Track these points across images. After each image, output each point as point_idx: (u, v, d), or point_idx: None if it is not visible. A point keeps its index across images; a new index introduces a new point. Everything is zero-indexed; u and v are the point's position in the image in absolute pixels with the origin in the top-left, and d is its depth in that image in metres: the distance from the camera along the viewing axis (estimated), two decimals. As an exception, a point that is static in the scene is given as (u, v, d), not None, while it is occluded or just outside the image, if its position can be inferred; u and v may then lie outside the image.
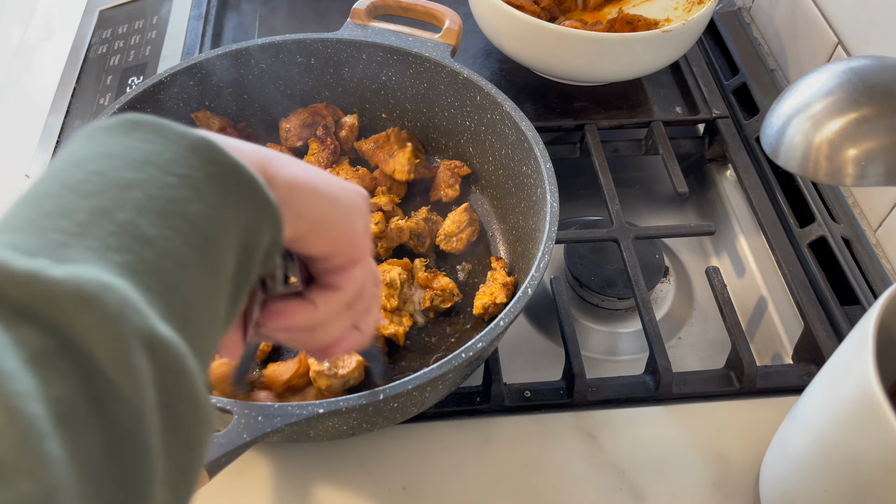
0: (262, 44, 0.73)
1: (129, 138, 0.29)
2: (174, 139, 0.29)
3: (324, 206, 0.36)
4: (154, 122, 0.30)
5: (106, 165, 0.28)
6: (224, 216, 0.30)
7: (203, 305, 0.28)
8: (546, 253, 0.57)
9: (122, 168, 0.28)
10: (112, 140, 0.29)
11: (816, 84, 0.49)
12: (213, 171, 0.30)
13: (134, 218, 0.26)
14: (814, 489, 0.47)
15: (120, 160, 0.28)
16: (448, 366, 0.50)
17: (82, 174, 0.27)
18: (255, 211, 0.31)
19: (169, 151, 0.29)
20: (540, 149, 0.64)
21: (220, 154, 0.30)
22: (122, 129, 0.30)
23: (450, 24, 0.74)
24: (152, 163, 0.28)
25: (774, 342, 0.77)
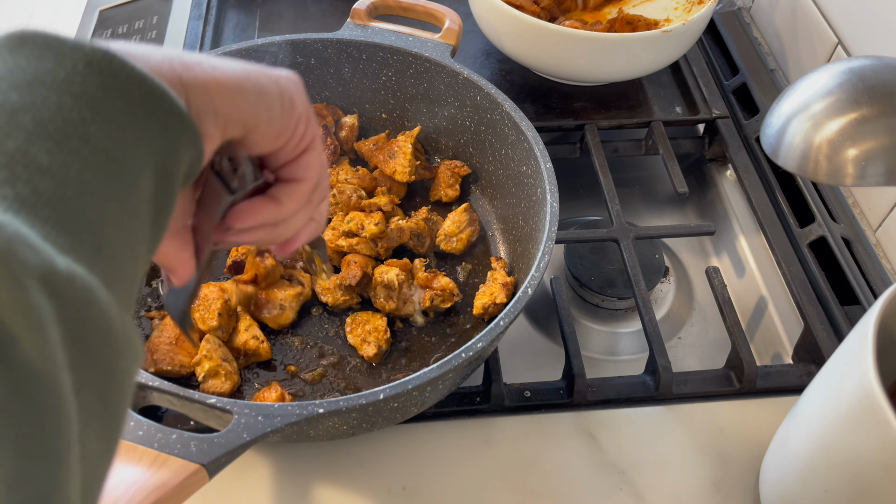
0: (262, 44, 0.73)
1: (18, 56, 0.26)
2: (68, 54, 0.27)
3: (253, 103, 0.34)
4: (45, 36, 0.27)
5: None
6: (130, 134, 0.27)
7: (116, 231, 0.27)
8: (546, 253, 0.57)
9: (8, 91, 0.25)
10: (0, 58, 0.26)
11: (816, 84, 0.49)
12: (113, 86, 0.27)
13: (24, 145, 0.24)
14: (814, 489, 0.47)
15: (6, 82, 0.26)
16: (448, 366, 0.50)
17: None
18: (168, 125, 0.29)
19: (63, 68, 0.26)
20: (540, 149, 0.64)
21: (120, 66, 0.27)
22: (10, 46, 0.27)
23: (450, 24, 0.74)
24: (43, 82, 0.26)
25: (774, 342, 0.77)
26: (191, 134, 0.30)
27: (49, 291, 0.22)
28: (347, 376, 0.65)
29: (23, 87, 0.26)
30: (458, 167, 0.76)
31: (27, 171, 0.24)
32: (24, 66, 0.26)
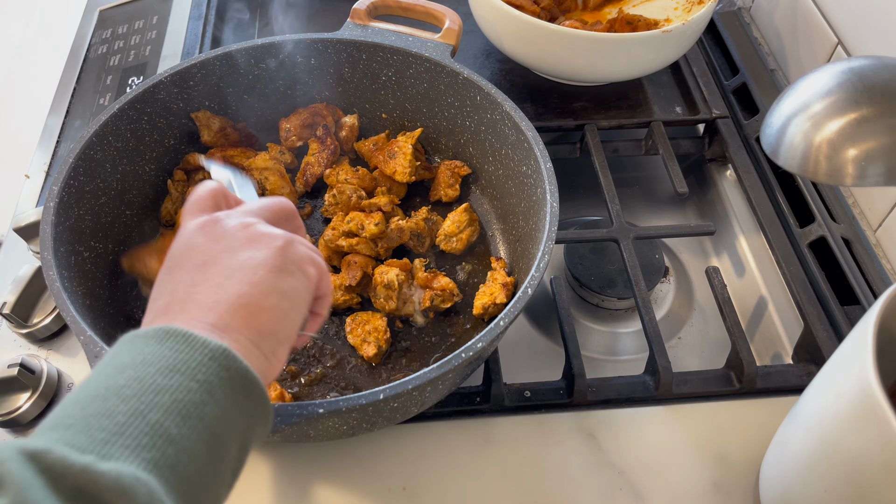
0: (263, 44, 0.73)
1: (163, 347, 0.37)
2: (198, 348, 0.37)
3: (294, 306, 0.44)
4: (184, 334, 0.37)
5: (142, 372, 0.36)
6: (230, 417, 0.37)
7: (208, 493, 0.36)
8: (546, 253, 0.57)
9: (155, 375, 0.36)
10: (149, 348, 0.37)
11: (816, 84, 0.49)
12: (226, 377, 0.37)
13: (162, 419, 0.34)
14: (814, 489, 0.47)
15: (154, 367, 0.36)
16: (448, 366, 0.50)
17: (123, 379, 0.35)
18: (255, 410, 0.39)
19: (193, 360, 0.37)
20: (540, 149, 0.64)
21: (232, 360, 0.38)
22: (158, 338, 0.37)
23: (450, 24, 0.74)
24: (179, 370, 0.36)
25: (774, 342, 0.77)
26: (267, 416, 0.41)
27: None
28: (347, 376, 0.65)
29: (165, 372, 0.36)
30: (458, 167, 0.76)
31: (161, 440, 0.34)
32: (166, 355, 0.36)
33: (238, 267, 0.42)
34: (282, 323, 0.43)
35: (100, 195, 0.66)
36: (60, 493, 0.30)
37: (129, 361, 0.36)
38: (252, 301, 0.41)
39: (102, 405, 0.34)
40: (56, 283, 0.55)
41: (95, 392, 0.35)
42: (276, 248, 0.44)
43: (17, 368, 0.62)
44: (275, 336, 0.42)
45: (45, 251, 0.57)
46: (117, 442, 0.33)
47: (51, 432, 0.33)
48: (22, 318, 0.68)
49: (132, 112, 0.69)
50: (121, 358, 0.37)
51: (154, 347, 0.37)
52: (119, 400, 0.34)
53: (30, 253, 0.74)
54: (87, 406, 0.34)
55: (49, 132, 0.87)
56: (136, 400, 0.34)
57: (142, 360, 0.36)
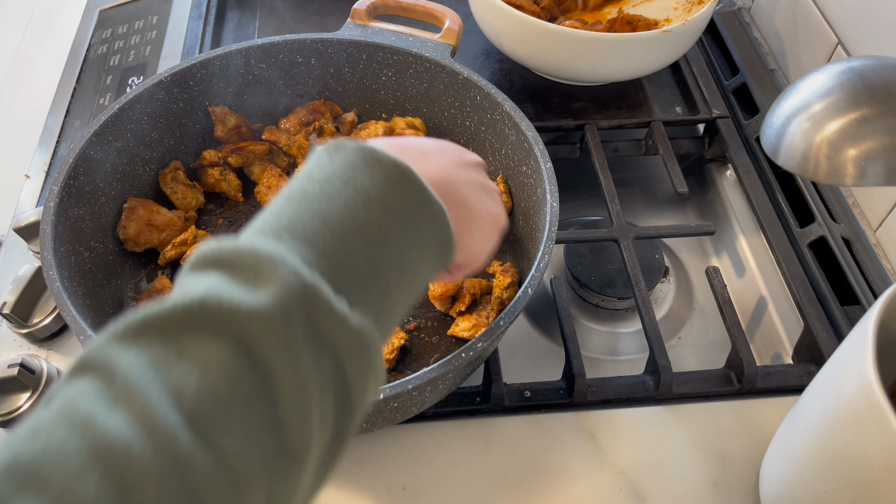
0: (263, 44, 0.73)
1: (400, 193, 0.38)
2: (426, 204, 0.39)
3: (483, 244, 0.46)
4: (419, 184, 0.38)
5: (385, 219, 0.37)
6: (429, 267, 0.40)
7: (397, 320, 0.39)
8: (546, 253, 0.57)
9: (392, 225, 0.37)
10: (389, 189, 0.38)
11: (816, 84, 0.49)
12: (439, 239, 0.40)
13: (388, 275, 0.37)
14: (814, 489, 0.47)
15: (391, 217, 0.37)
16: (448, 366, 0.50)
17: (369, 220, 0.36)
18: (445, 257, 0.41)
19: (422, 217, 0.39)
20: (540, 149, 0.64)
21: (446, 224, 0.40)
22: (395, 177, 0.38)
23: (450, 24, 0.74)
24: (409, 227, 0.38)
25: (774, 342, 0.77)
26: (448, 264, 0.42)
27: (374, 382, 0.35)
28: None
29: (400, 226, 0.37)
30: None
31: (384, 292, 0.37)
32: (402, 206, 0.38)
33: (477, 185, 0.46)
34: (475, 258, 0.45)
35: (100, 195, 0.66)
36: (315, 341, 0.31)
37: (373, 195, 0.37)
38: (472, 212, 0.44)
39: (350, 243, 0.35)
40: (56, 283, 0.55)
41: (344, 220, 0.36)
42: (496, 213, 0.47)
43: (17, 368, 0.62)
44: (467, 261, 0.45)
45: (45, 251, 0.57)
46: (359, 287, 0.35)
47: (308, 248, 0.34)
48: (22, 318, 0.68)
49: (132, 112, 0.69)
50: (364, 182, 0.37)
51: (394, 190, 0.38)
52: (364, 244, 0.36)
53: (30, 253, 0.74)
54: (338, 237, 0.35)
55: (49, 132, 0.87)
56: (376, 250, 0.36)
57: (383, 200, 0.37)
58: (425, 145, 0.45)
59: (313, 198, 0.36)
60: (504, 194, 0.71)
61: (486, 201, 0.46)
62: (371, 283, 0.36)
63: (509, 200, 0.72)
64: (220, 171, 0.75)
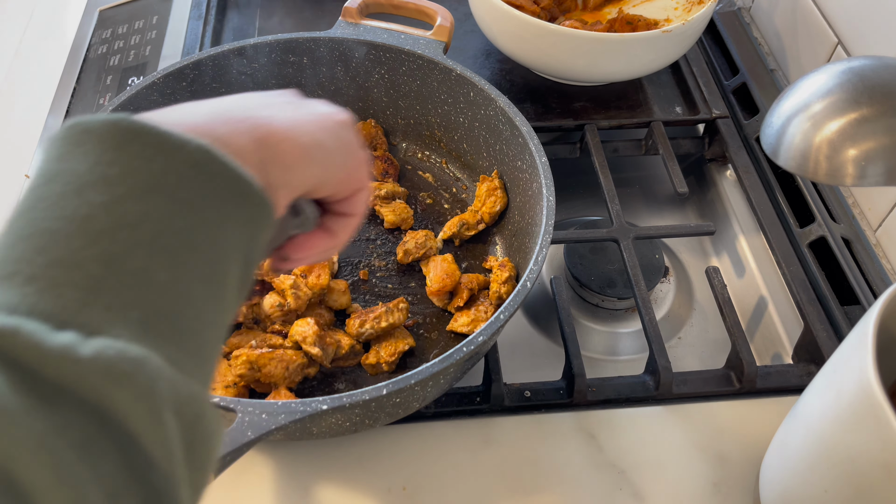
0: (255, 43, 0.73)
1: (127, 154, 0.28)
2: (173, 153, 0.28)
3: (322, 169, 0.37)
4: (153, 134, 0.28)
5: (109, 196, 0.27)
6: (227, 233, 0.30)
7: (211, 329, 0.29)
8: (544, 247, 0.57)
9: (126, 199, 0.27)
10: (111, 155, 0.28)
11: (816, 84, 0.49)
12: (213, 187, 0.29)
13: (145, 264, 0.27)
14: (814, 489, 0.47)
15: (124, 188, 0.27)
16: (449, 360, 0.50)
17: (86, 207, 0.26)
18: (254, 216, 0.31)
19: (172, 172, 0.28)
20: (535, 143, 0.64)
21: (220, 166, 0.30)
22: (119, 139, 0.28)
23: (441, 21, 0.74)
24: (156, 190, 0.28)
25: (774, 342, 0.77)
26: (270, 219, 0.32)
27: (178, 417, 0.25)
28: (349, 372, 0.65)
29: (139, 196, 0.27)
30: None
31: (149, 291, 0.26)
32: (136, 168, 0.28)
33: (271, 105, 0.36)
34: (304, 160, 0.35)
35: (100, 195, 0.66)
36: (34, 397, 0.22)
37: (86, 174, 0.27)
38: (272, 127, 0.34)
39: (66, 247, 0.25)
40: (56, 283, 0.55)
41: (52, 224, 0.26)
42: (324, 112, 0.38)
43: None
44: (288, 170, 0.34)
45: (45, 251, 0.57)
46: (96, 302, 0.25)
47: (6, 288, 0.25)
48: (22, 318, 0.68)
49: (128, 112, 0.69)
50: (74, 166, 0.27)
51: (117, 155, 0.27)
52: (86, 240, 0.26)
53: (30, 253, 0.74)
54: (47, 247, 0.25)
55: (49, 132, 0.87)
56: (108, 240, 0.26)
57: (102, 174, 0.27)
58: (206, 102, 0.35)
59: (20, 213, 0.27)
60: (499, 189, 0.72)
61: (301, 109, 0.37)
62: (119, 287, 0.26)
63: (504, 196, 0.72)
64: None
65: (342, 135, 0.39)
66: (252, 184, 0.31)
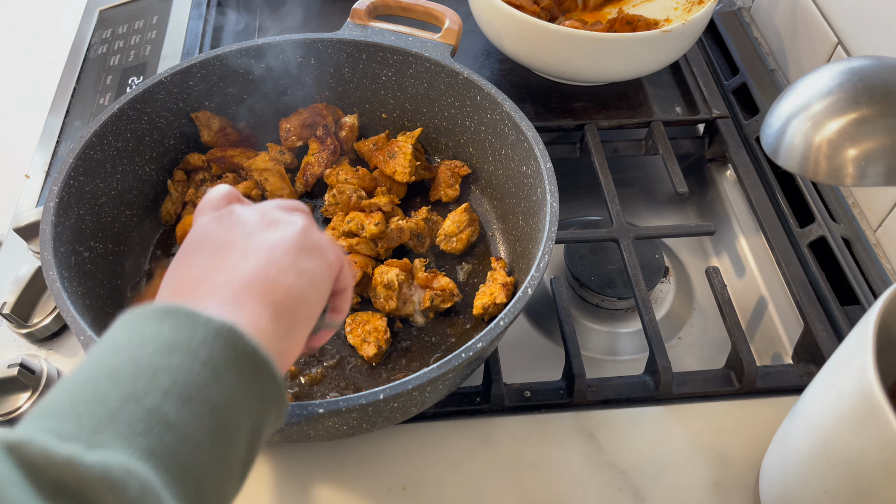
0: (262, 44, 0.73)
1: (162, 325, 0.34)
2: (201, 325, 0.34)
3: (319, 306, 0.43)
4: (185, 311, 0.34)
5: (139, 353, 0.32)
6: (238, 400, 0.34)
7: (215, 485, 0.33)
8: (546, 253, 0.57)
9: (153, 354, 0.32)
10: (148, 327, 0.34)
11: (816, 84, 0.49)
12: (232, 356, 0.34)
13: (160, 403, 0.31)
14: (814, 489, 0.47)
15: (152, 346, 0.33)
16: (448, 366, 0.50)
17: (118, 361, 0.32)
18: (265, 392, 0.36)
19: (196, 337, 0.33)
20: (540, 149, 0.64)
21: (240, 339, 0.35)
22: (157, 316, 0.34)
23: (450, 24, 0.74)
24: (180, 349, 0.33)
25: (774, 342, 0.77)
26: (281, 400, 0.37)
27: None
28: (347, 376, 0.65)
29: (165, 352, 0.32)
30: (458, 167, 0.76)
31: (158, 426, 0.30)
32: (167, 334, 0.33)
33: (255, 248, 0.40)
34: (300, 301, 0.40)
35: (100, 195, 0.66)
36: (41, 489, 0.27)
37: (124, 342, 0.33)
38: (269, 276, 0.39)
39: (93, 389, 0.31)
40: (56, 283, 0.55)
41: (87, 376, 0.32)
42: (295, 230, 0.42)
43: (17, 368, 0.62)
44: (293, 313, 0.39)
45: (45, 251, 0.57)
46: (108, 429, 0.29)
47: (37, 420, 0.30)
48: (22, 318, 0.68)
49: (132, 112, 0.69)
50: (116, 339, 0.34)
51: (153, 326, 0.34)
52: (112, 383, 0.31)
53: (30, 253, 0.74)
54: (78, 391, 0.31)
55: (49, 132, 0.87)
56: (130, 382, 0.31)
57: (139, 339, 0.33)
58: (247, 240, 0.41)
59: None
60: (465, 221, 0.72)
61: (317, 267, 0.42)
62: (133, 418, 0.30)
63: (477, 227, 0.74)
64: (204, 175, 0.75)
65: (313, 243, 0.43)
66: (268, 362, 0.36)
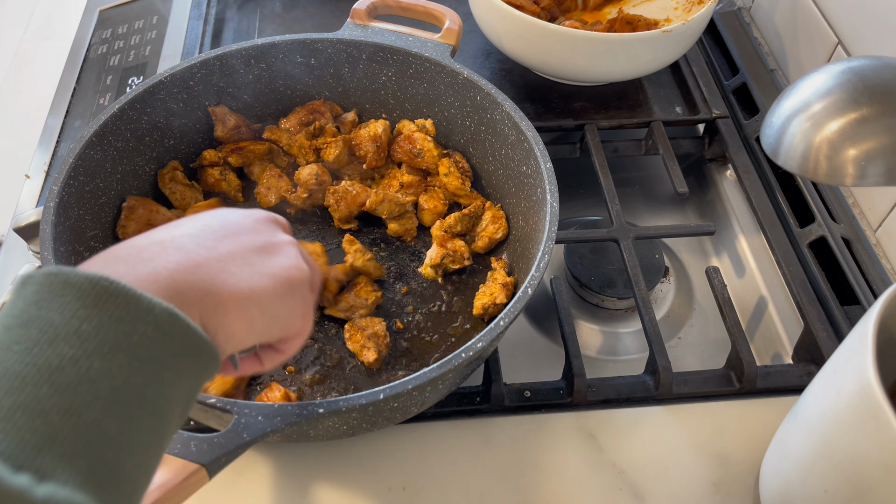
0: (262, 44, 0.73)
1: (102, 314, 0.31)
2: (142, 315, 0.32)
3: (264, 333, 0.40)
4: (127, 297, 0.32)
5: (79, 351, 0.30)
6: (176, 387, 0.34)
7: (147, 473, 0.33)
8: (546, 253, 0.57)
9: (93, 356, 0.31)
10: (85, 312, 0.31)
11: (816, 84, 0.49)
12: (173, 346, 0.33)
13: (100, 417, 0.30)
14: (814, 489, 0.47)
15: (92, 344, 0.31)
16: (448, 366, 0.50)
17: (56, 359, 0.30)
18: (203, 370, 0.35)
19: (136, 332, 0.32)
20: (540, 149, 0.64)
21: (182, 328, 0.33)
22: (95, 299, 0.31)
23: (450, 24, 0.74)
24: (122, 348, 0.31)
25: (774, 342, 0.77)
26: (216, 371, 0.36)
27: None
28: (347, 377, 0.65)
29: (105, 354, 0.31)
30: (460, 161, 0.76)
31: (99, 442, 0.30)
32: (106, 327, 0.31)
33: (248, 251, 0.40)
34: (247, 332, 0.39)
35: (100, 195, 0.66)
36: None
37: (61, 327, 0.31)
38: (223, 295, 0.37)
39: (33, 394, 0.29)
40: (56, 283, 0.55)
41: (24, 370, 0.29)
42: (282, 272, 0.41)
43: (17, 368, 0.62)
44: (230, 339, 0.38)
45: (45, 251, 0.57)
46: (51, 449, 0.28)
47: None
48: (22, 318, 0.68)
49: (132, 112, 0.69)
50: (52, 316, 0.31)
51: (91, 313, 0.31)
52: (52, 389, 0.29)
53: (30, 253, 0.74)
54: (15, 391, 0.29)
55: (49, 132, 0.87)
56: (71, 392, 0.30)
57: (76, 329, 0.31)
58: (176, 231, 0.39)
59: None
60: (501, 220, 0.72)
61: (264, 264, 0.40)
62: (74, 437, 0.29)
63: (506, 227, 0.72)
64: (220, 171, 0.75)
65: (293, 297, 0.42)
66: (207, 343, 0.35)
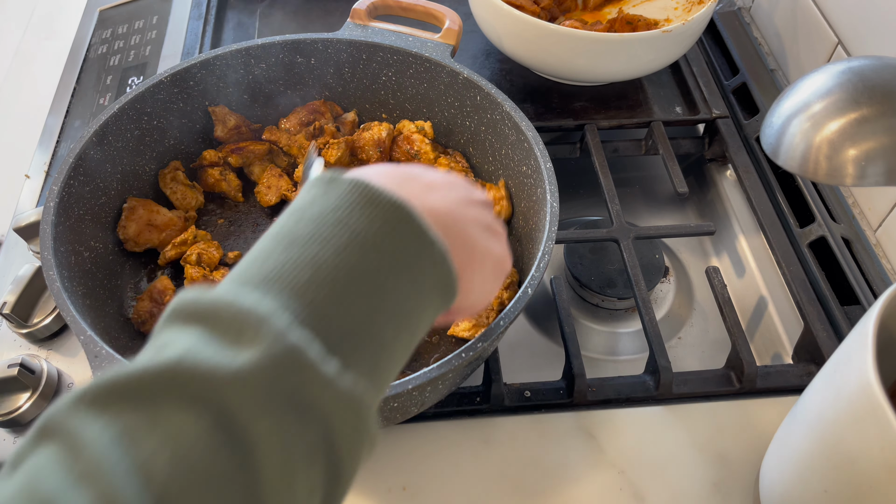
0: (263, 44, 0.73)
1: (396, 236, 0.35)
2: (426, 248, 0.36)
3: (487, 291, 0.43)
4: (416, 226, 0.36)
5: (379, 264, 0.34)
6: (427, 315, 0.37)
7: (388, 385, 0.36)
8: (546, 253, 0.57)
9: (388, 272, 0.34)
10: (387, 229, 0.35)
11: (816, 84, 0.49)
12: (437, 283, 0.37)
13: (383, 325, 0.34)
14: (814, 489, 0.47)
15: (388, 261, 0.35)
16: (448, 366, 0.50)
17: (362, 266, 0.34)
18: (444, 305, 0.38)
19: (419, 261, 0.36)
20: (540, 149, 0.64)
21: (448, 268, 0.37)
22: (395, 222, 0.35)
23: (450, 24, 0.74)
24: (405, 272, 0.35)
25: (774, 342, 0.77)
26: (445, 311, 0.39)
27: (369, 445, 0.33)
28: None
29: (396, 273, 0.35)
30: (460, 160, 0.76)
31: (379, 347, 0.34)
32: (400, 249, 0.35)
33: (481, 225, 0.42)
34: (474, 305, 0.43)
35: (100, 195, 0.66)
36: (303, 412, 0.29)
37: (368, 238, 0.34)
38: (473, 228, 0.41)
39: (342, 292, 0.32)
40: (56, 283, 0.55)
41: (334, 270, 0.33)
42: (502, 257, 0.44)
43: (17, 368, 0.62)
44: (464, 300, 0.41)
45: (45, 251, 0.57)
46: (351, 343, 0.32)
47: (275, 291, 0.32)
48: (22, 318, 0.68)
49: (132, 112, 0.69)
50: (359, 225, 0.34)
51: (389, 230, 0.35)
52: (357, 293, 0.33)
53: (30, 253, 0.74)
54: (328, 284, 0.32)
55: (49, 132, 0.87)
56: (367, 298, 0.33)
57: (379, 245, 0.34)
58: (432, 178, 0.42)
59: (304, 241, 0.34)
60: (504, 199, 0.71)
61: (492, 243, 0.43)
62: (366, 337, 0.33)
63: (509, 206, 0.71)
64: (220, 171, 0.75)
65: (500, 280, 0.45)
66: (455, 287, 0.38)
